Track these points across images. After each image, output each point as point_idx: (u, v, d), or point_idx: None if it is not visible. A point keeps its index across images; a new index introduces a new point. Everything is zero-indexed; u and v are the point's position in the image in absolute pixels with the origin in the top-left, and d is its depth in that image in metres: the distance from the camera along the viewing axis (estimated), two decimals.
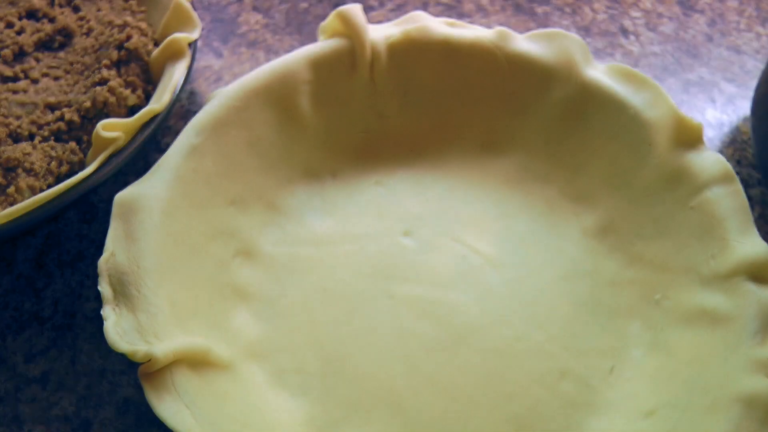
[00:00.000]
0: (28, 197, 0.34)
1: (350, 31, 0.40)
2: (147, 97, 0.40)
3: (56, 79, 0.39)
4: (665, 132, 0.37)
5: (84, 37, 0.42)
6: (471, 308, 0.36)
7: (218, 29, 0.51)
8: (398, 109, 0.42)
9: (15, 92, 0.38)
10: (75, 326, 0.37)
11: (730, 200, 0.35)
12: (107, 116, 0.37)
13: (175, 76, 0.38)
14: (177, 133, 0.44)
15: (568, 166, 0.41)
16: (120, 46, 0.40)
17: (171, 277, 0.33)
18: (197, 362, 0.32)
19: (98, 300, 0.37)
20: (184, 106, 0.46)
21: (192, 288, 0.34)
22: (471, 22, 0.50)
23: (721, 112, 0.47)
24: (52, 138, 0.37)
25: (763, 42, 0.51)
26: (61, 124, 0.37)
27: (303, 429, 0.32)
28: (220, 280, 0.36)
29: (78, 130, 0.37)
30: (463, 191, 0.41)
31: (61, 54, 0.41)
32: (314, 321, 0.36)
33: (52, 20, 0.42)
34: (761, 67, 0.49)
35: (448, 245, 0.39)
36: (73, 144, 0.37)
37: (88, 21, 0.42)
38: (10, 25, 0.41)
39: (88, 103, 0.37)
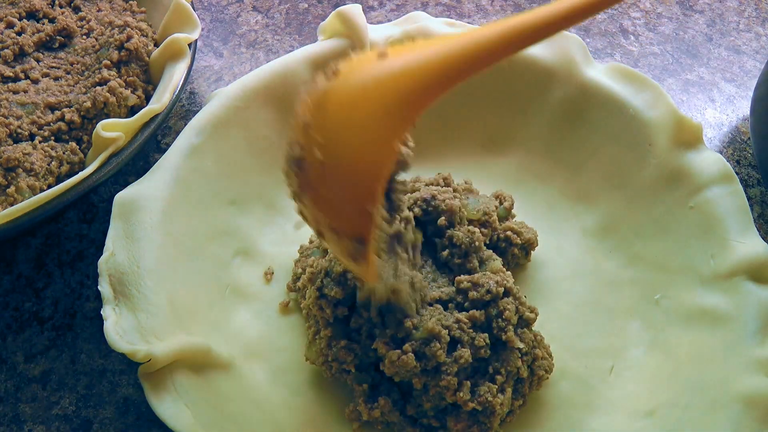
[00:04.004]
0: (28, 197, 0.34)
1: (350, 31, 0.40)
2: (147, 97, 0.40)
3: (56, 79, 0.39)
4: (665, 132, 0.37)
5: (84, 37, 0.42)
6: None
7: (218, 29, 0.51)
8: None
9: (15, 92, 0.38)
10: (75, 326, 0.37)
11: (729, 200, 0.35)
12: (107, 116, 0.37)
13: (175, 77, 0.38)
14: (177, 133, 0.44)
15: (568, 166, 0.41)
16: (120, 47, 0.40)
17: (171, 277, 0.33)
18: (197, 362, 0.32)
19: (98, 300, 0.37)
20: (184, 106, 0.46)
21: (192, 288, 0.34)
22: (471, 22, 0.50)
23: (720, 112, 0.47)
24: (53, 138, 0.37)
25: (763, 42, 0.51)
26: (62, 125, 0.37)
27: (303, 428, 0.32)
28: (220, 280, 0.36)
29: (78, 130, 0.37)
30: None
31: (62, 54, 0.41)
32: None
33: (52, 21, 0.42)
34: (761, 67, 0.49)
35: None
36: (73, 144, 0.37)
37: (88, 21, 0.42)
38: (10, 25, 0.41)
39: (88, 103, 0.37)
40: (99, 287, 0.32)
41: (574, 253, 0.38)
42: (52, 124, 0.37)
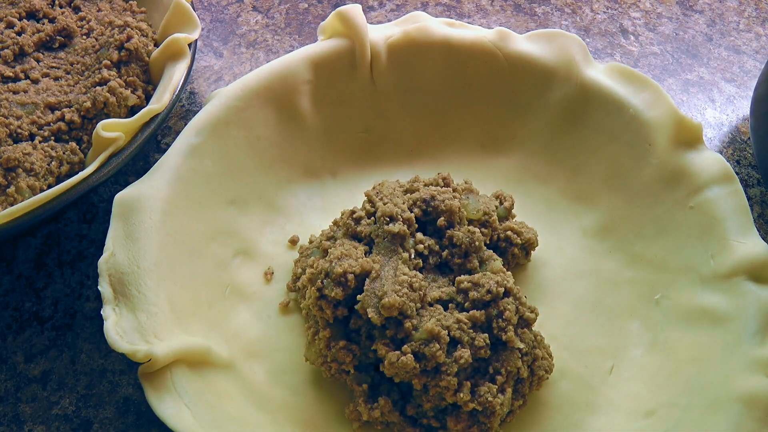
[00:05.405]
0: (28, 197, 0.34)
1: (350, 31, 0.40)
2: (147, 97, 0.40)
3: (56, 79, 0.39)
4: (665, 132, 0.37)
5: (84, 37, 0.42)
6: None
7: (218, 29, 0.51)
8: (398, 109, 0.42)
9: (15, 92, 0.38)
10: (75, 326, 0.37)
11: (730, 200, 0.35)
12: (107, 116, 0.38)
13: (175, 77, 0.38)
14: (177, 133, 0.44)
15: (568, 166, 0.41)
16: (120, 47, 0.40)
17: (171, 277, 0.33)
18: (197, 362, 0.32)
19: (98, 300, 0.37)
20: (184, 106, 0.46)
21: (192, 288, 0.34)
22: (471, 22, 0.50)
23: (720, 112, 0.47)
24: (53, 138, 0.37)
25: (763, 42, 0.51)
26: (62, 125, 0.37)
27: (303, 428, 0.32)
28: (220, 280, 0.36)
29: (78, 130, 0.37)
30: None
31: (62, 54, 0.41)
32: None
33: (52, 21, 0.42)
34: (761, 67, 0.49)
35: None
36: (73, 144, 0.37)
37: (88, 21, 0.42)
38: (10, 25, 0.41)
39: (88, 103, 0.37)
40: (99, 287, 0.32)
41: (574, 253, 0.38)
42: (52, 124, 0.37)
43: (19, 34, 0.41)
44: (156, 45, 0.41)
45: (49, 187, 0.35)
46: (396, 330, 0.31)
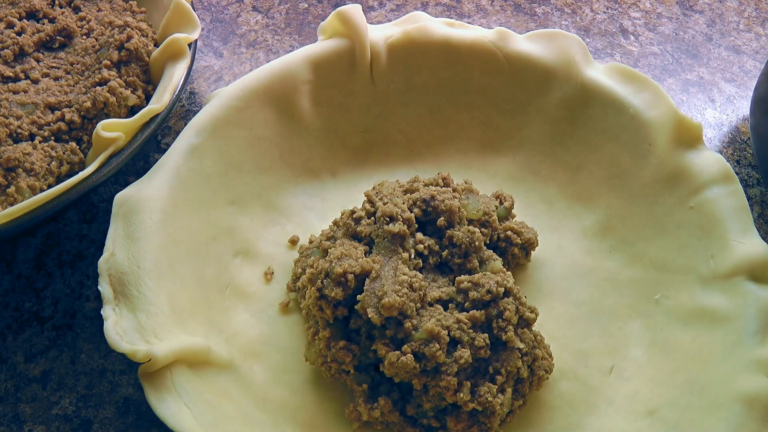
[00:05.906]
0: (28, 197, 0.34)
1: (350, 31, 0.40)
2: (147, 97, 0.40)
3: (56, 79, 0.39)
4: (665, 132, 0.37)
5: (84, 37, 0.42)
6: None
7: (218, 29, 0.51)
8: (398, 109, 0.42)
9: (15, 92, 0.38)
10: (75, 326, 0.37)
11: (729, 200, 0.35)
12: (107, 116, 0.38)
13: (175, 77, 0.38)
14: (177, 133, 0.44)
15: (568, 166, 0.41)
16: (120, 47, 0.40)
17: (171, 277, 0.33)
18: (197, 362, 0.32)
19: (98, 300, 0.37)
20: (184, 106, 0.46)
21: (192, 288, 0.34)
22: (471, 22, 0.50)
23: (720, 113, 0.47)
24: (53, 138, 0.37)
25: (763, 42, 0.51)
26: (62, 125, 0.37)
27: (303, 428, 0.32)
28: (220, 280, 0.36)
29: (78, 130, 0.37)
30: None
31: (62, 54, 0.41)
32: None
33: (52, 21, 0.42)
34: (760, 67, 0.49)
35: None
36: (73, 144, 0.37)
37: (88, 21, 0.42)
38: (10, 25, 0.41)
39: (88, 103, 0.37)
40: (99, 287, 0.32)
41: (574, 253, 0.38)
42: (52, 124, 0.37)
43: (19, 34, 0.41)
44: (156, 45, 0.41)
45: (49, 187, 0.35)
46: (396, 330, 0.31)
